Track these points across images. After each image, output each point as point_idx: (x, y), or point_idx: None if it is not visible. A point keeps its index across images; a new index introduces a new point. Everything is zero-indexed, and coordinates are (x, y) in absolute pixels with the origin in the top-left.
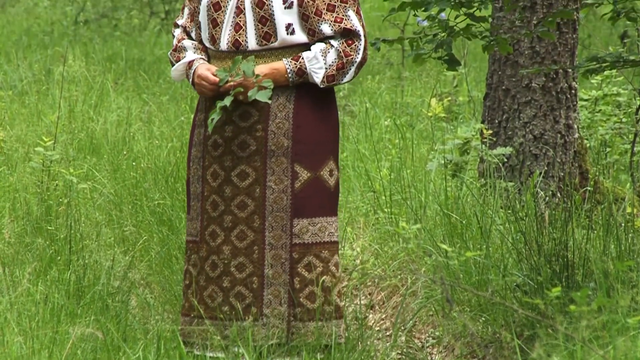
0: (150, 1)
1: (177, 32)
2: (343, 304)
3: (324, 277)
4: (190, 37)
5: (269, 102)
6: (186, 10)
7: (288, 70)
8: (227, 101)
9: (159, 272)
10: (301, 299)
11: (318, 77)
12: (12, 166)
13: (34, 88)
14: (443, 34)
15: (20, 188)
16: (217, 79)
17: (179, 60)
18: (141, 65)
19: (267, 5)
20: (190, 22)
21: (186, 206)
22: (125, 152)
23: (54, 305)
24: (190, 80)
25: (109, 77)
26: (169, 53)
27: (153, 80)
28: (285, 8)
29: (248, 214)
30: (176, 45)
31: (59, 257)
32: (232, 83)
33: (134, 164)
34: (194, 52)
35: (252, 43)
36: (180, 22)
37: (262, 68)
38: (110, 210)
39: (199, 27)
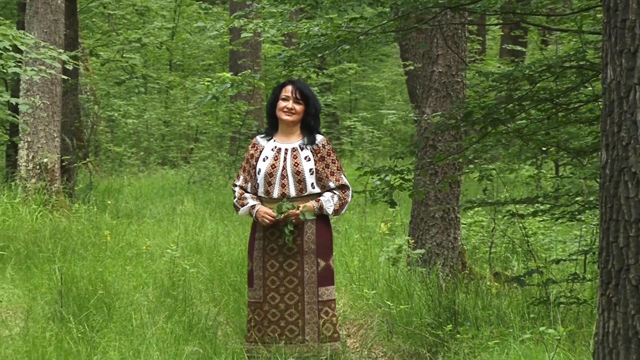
0: (229, 170)
1: (237, 189)
2: (339, 333)
3: (333, 318)
4: (246, 191)
5: (314, 217)
6: (241, 177)
7: (315, 208)
8: (291, 226)
9: (234, 317)
10: (323, 330)
11: (330, 210)
12: (154, 260)
13: (165, 218)
14: (387, 188)
15: (157, 271)
16: (275, 215)
17: (244, 205)
18: (224, 205)
19: (301, 174)
20: (245, 183)
21: (247, 281)
22: (215, 252)
23: (176, 335)
24: (254, 216)
25: (207, 212)
26: (234, 201)
27: (230, 213)
28: (310, 174)
29: (294, 286)
30: (240, 195)
31: (179, 308)
32: (281, 217)
33: (220, 258)
34: (253, 200)
35: (292, 193)
36: (238, 183)
37: (306, 205)
38: (206, 283)
39: (254, 186)
